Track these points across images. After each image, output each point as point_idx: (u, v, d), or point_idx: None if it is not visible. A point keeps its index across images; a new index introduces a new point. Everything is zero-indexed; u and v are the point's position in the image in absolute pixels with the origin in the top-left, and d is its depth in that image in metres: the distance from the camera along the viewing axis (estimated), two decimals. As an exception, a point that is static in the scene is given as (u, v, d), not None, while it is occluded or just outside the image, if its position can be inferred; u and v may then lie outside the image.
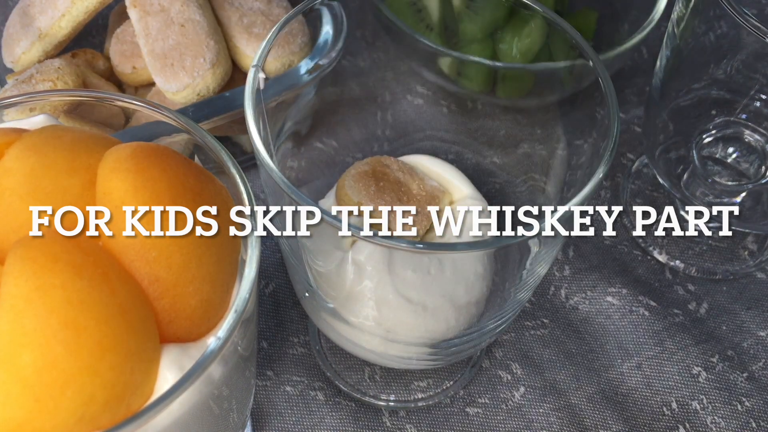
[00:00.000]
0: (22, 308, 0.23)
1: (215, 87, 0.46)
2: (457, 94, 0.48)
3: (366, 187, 0.39)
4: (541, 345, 0.46)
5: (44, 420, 0.23)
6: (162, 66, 0.45)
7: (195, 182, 0.28)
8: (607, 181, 0.54)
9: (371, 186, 0.39)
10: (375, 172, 0.41)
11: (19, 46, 0.49)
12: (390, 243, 0.30)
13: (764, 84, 0.46)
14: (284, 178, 0.30)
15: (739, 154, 0.49)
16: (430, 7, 0.52)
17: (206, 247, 0.27)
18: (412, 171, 0.42)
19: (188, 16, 0.46)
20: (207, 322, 0.27)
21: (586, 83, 0.36)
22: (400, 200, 0.39)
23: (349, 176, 0.41)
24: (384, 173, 0.41)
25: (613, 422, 0.43)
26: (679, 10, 0.43)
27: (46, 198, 0.26)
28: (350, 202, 0.40)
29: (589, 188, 0.30)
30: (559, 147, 0.40)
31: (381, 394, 0.44)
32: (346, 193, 0.40)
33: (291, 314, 0.46)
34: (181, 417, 0.26)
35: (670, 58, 0.45)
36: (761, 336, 0.47)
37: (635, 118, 0.57)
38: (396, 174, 0.41)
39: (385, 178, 0.41)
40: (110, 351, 0.24)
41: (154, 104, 0.31)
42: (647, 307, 0.48)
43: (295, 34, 0.46)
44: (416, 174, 0.42)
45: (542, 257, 0.34)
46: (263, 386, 0.43)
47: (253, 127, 0.32)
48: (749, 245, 0.51)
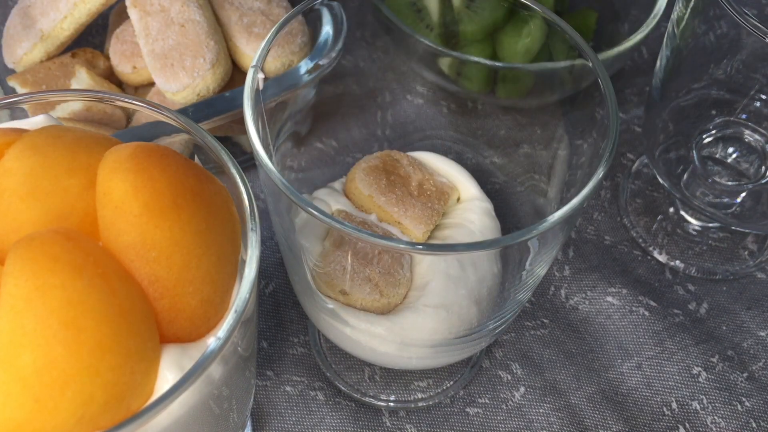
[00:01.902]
0: (22, 308, 0.23)
1: (215, 87, 0.46)
2: (457, 94, 0.48)
3: (377, 180, 0.39)
4: (541, 345, 0.46)
5: (44, 420, 0.23)
6: (162, 66, 0.45)
7: (195, 182, 0.28)
8: (607, 181, 0.54)
9: (382, 180, 0.39)
10: (386, 166, 0.41)
11: (21, 47, 0.49)
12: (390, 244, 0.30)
13: (764, 84, 0.46)
14: (283, 179, 0.30)
15: (739, 154, 0.49)
16: (430, 7, 0.52)
17: (206, 247, 0.27)
18: (422, 166, 0.42)
19: (188, 17, 0.46)
20: (207, 323, 0.27)
21: (585, 83, 0.36)
22: (411, 195, 0.39)
23: (360, 170, 0.40)
24: (394, 167, 0.41)
25: (613, 422, 0.43)
26: (679, 10, 0.43)
27: (46, 198, 0.26)
28: (360, 195, 0.40)
29: (589, 188, 0.30)
30: (559, 147, 0.40)
31: (381, 395, 0.44)
32: (357, 186, 0.40)
33: (291, 314, 0.46)
34: (181, 417, 0.26)
35: (670, 58, 0.45)
36: (761, 336, 0.47)
37: (635, 118, 0.57)
38: (406, 169, 0.41)
39: (395, 172, 0.41)
40: (110, 351, 0.24)
41: (154, 104, 0.31)
42: (647, 307, 0.48)
43: (294, 34, 0.46)
44: (426, 169, 0.42)
45: (542, 258, 0.34)
46: (263, 386, 0.43)
47: (252, 127, 0.32)
48: (749, 245, 0.51)
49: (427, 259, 0.38)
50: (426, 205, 0.39)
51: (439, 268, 0.37)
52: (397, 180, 0.40)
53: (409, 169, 0.41)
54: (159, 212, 0.26)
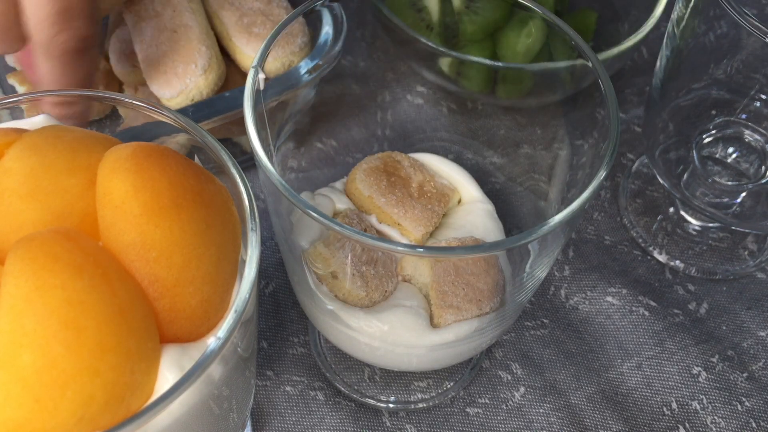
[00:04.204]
0: (22, 308, 0.23)
1: (208, 92, 0.46)
2: (457, 94, 0.48)
3: (377, 181, 0.39)
4: (541, 345, 0.46)
5: (44, 420, 0.23)
6: (155, 72, 0.45)
7: (195, 182, 0.28)
8: (607, 181, 0.54)
9: (383, 181, 0.39)
10: (386, 167, 0.41)
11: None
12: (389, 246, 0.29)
13: (764, 84, 0.46)
14: (282, 180, 0.30)
15: (739, 154, 0.49)
16: (430, 7, 0.52)
17: (206, 247, 0.27)
18: (423, 168, 0.42)
19: (180, 22, 0.46)
20: (207, 323, 0.27)
21: (586, 84, 0.36)
22: (411, 196, 0.39)
23: (361, 170, 0.40)
24: (395, 168, 0.41)
25: (613, 422, 0.43)
26: (679, 10, 0.43)
27: (46, 198, 0.26)
28: (360, 196, 0.40)
29: (591, 190, 0.30)
30: (560, 147, 0.40)
31: (381, 395, 0.44)
32: (357, 187, 0.40)
33: (291, 314, 0.46)
34: (181, 417, 0.26)
35: (670, 58, 0.45)
36: (761, 336, 0.47)
37: (635, 118, 0.57)
38: (407, 170, 0.41)
39: (396, 173, 0.41)
40: (110, 351, 0.24)
41: (154, 104, 0.31)
42: (647, 307, 0.48)
43: (295, 35, 0.46)
44: (426, 171, 0.42)
45: (542, 260, 0.34)
46: (263, 386, 0.43)
47: (252, 127, 0.32)
48: (749, 245, 0.51)
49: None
50: (426, 206, 0.39)
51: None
52: (398, 181, 0.40)
53: (410, 171, 0.41)
54: (159, 212, 0.26)
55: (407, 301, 0.37)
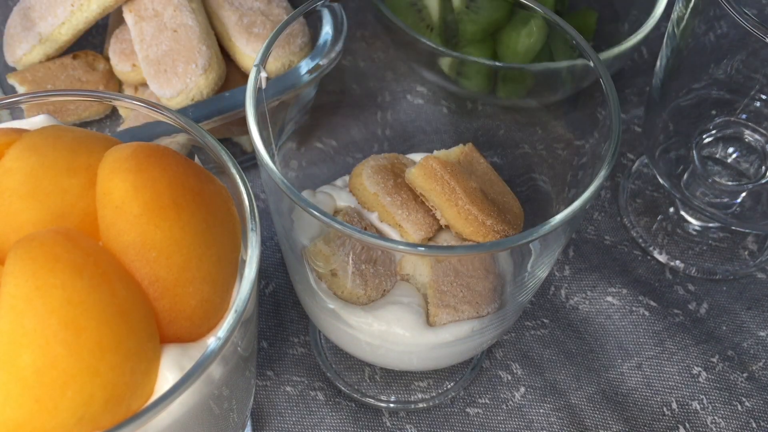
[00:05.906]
0: (22, 308, 0.23)
1: (208, 92, 0.46)
2: (457, 94, 0.48)
3: (384, 180, 0.39)
4: (541, 345, 0.46)
5: (44, 420, 0.23)
6: (156, 72, 0.45)
7: (195, 182, 0.28)
8: (607, 181, 0.54)
9: (390, 181, 0.39)
10: (394, 168, 0.40)
11: (21, 47, 0.49)
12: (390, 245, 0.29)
13: (764, 84, 0.46)
14: (284, 179, 0.30)
15: (739, 154, 0.49)
16: (430, 7, 0.52)
17: (206, 247, 0.27)
18: None
19: (180, 21, 0.46)
20: (207, 323, 0.27)
21: (586, 83, 0.36)
22: (415, 200, 0.39)
23: (368, 167, 0.40)
24: (402, 171, 0.41)
25: (613, 422, 0.43)
26: (679, 10, 0.43)
27: (46, 198, 0.26)
28: (365, 191, 0.39)
29: (592, 190, 0.30)
30: (560, 147, 0.40)
31: (381, 395, 0.44)
32: (362, 183, 0.39)
33: (291, 314, 0.46)
34: (181, 417, 0.26)
35: (670, 58, 0.45)
36: (761, 336, 0.47)
37: (635, 118, 0.57)
38: None
39: (402, 176, 0.40)
40: (110, 351, 0.23)
41: (154, 104, 0.31)
42: (647, 307, 0.48)
43: (295, 35, 0.46)
44: None
45: (543, 260, 0.34)
46: (263, 386, 0.43)
47: (254, 126, 0.32)
48: (749, 245, 0.51)
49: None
50: (428, 213, 0.39)
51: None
52: (404, 184, 0.40)
53: None
54: (159, 212, 0.26)
55: (404, 297, 0.37)
